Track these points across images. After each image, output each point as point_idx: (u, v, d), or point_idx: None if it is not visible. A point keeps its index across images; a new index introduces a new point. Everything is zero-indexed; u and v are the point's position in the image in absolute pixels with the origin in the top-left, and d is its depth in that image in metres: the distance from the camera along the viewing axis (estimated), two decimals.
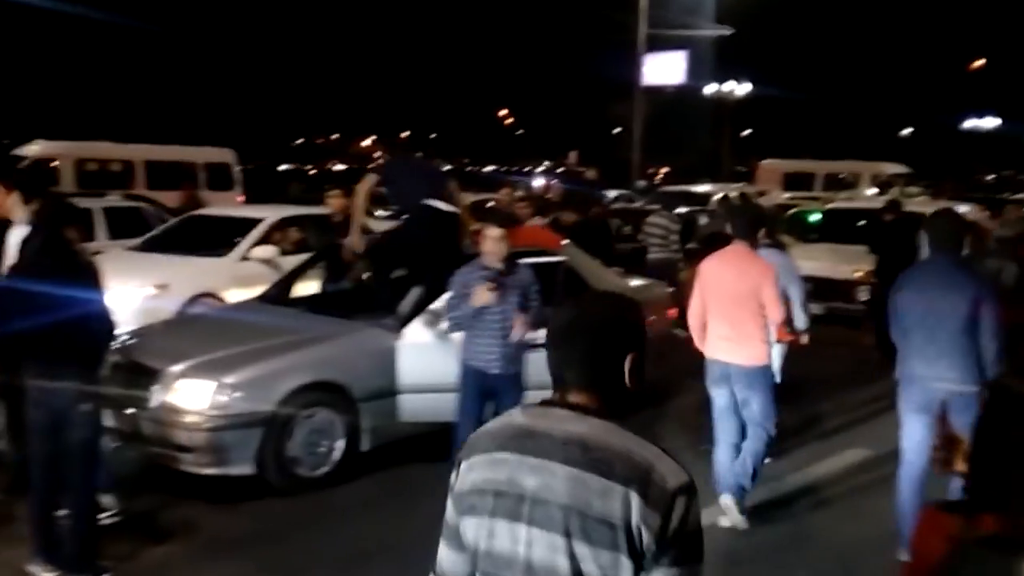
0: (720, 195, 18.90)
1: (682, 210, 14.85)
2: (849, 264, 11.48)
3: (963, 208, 13.75)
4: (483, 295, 5.47)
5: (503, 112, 69.76)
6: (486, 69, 55.03)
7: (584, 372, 1.88)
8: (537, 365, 6.16)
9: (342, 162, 65.06)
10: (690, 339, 5.81)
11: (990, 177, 45.53)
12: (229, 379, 5.67)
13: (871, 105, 53.92)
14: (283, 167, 53.70)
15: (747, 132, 51.59)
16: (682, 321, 8.92)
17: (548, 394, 1.94)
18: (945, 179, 22.92)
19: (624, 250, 12.96)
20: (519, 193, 14.38)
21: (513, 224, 6.02)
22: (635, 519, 1.73)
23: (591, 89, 48.64)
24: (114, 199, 12.96)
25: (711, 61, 33.62)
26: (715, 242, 10.90)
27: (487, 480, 1.86)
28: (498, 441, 1.89)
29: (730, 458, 5.54)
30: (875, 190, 22.72)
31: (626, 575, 1.74)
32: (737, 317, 5.46)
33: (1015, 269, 7.23)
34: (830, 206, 15.34)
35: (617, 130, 47.92)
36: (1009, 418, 1.92)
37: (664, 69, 29.36)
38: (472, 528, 1.87)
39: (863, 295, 11.19)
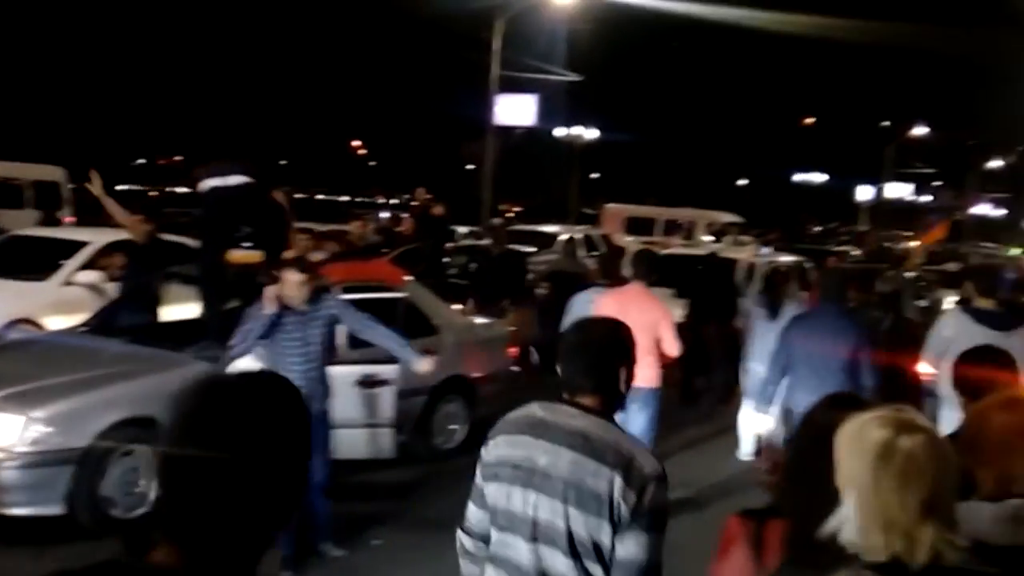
0: (566, 236, 19.41)
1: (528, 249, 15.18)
2: (679, 308, 11.92)
3: (765, 250, 14.76)
4: (270, 298, 5.29)
5: (356, 143, 69.28)
6: (340, 99, 54.49)
7: (590, 379, 2.48)
8: (356, 400, 6.14)
9: (186, 185, 62.85)
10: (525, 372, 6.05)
11: (817, 229, 48.47)
12: (39, 413, 5.34)
13: (711, 154, 56.52)
14: (121, 188, 51.47)
15: (596, 175, 53.10)
16: (521, 360, 9.04)
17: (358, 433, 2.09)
18: (773, 229, 24.37)
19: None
20: (371, 227, 14.32)
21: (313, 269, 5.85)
22: (616, 495, 2.28)
23: (445, 125, 49.00)
24: None
25: (562, 105, 34.50)
26: (560, 280, 11.22)
27: (509, 456, 2.44)
28: (519, 427, 2.48)
29: None
30: (711, 237, 23.79)
31: (606, 537, 2.30)
32: (638, 346, 5.95)
33: (892, 319, 7.98)
34: (665, 251, 15.91)
35: (470, 167, 48.36)
36: (807, 443, 2.17)
37: (516, 111, 29.90)
38: (493, 491, 2.46)
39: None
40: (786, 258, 14.04)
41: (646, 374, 6.17)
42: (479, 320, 8.97)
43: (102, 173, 8.21)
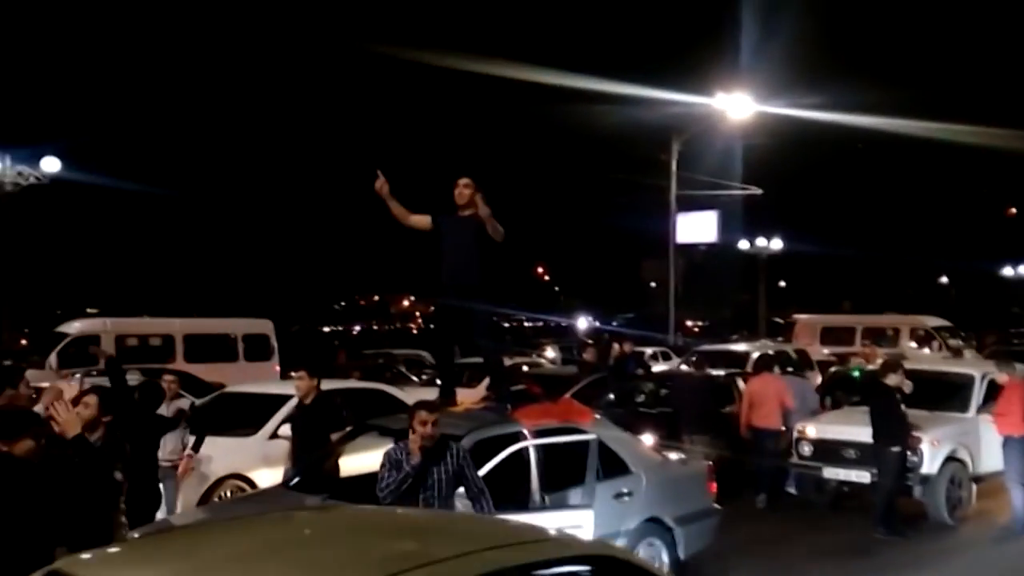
0: (758, 354, 18.60)
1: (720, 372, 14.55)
2: None
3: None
4: None
5: (540, 269, 71.07)
6: (524, 226, 56.32)
7: None
8: None
9: (382, 323, 66.08)
10: None
11: None
12: None
13: (905, 255, 53.52)
14: (327, 329, 54.76)
15: (783, 284, 51.67)
16: None
17: None
18: (988, 331, 22.85)
19: None
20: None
21: None
22: None
23: (625, 245, 49.47)
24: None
25: (742, 218, 34.06)
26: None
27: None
28: None
29: None
30: (914, 344, 22.44)
31: None
32: None
33: None
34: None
35: (653, 284, 48.40)
36: None
37: (697, 227, 29.94)
38: None
39: None
40: None
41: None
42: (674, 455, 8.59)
43: (308, 318, 8.18)
